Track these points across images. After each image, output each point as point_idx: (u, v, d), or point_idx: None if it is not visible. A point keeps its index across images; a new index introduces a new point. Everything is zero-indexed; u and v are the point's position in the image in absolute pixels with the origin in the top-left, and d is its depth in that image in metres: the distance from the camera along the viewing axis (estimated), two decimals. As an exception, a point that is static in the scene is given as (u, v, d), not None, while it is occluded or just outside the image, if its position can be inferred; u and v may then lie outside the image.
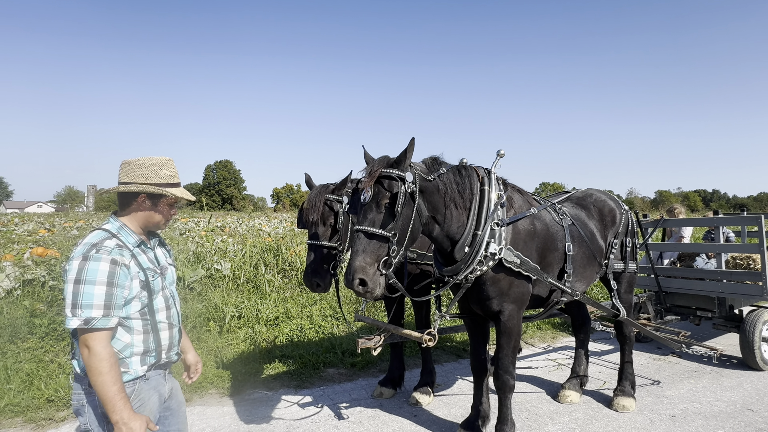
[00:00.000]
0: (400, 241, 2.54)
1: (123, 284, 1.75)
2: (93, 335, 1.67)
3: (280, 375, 4.79)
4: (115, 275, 1.72)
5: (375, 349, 3.46)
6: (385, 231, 2.49)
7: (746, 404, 3.99)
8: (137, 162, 1.92)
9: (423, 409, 3.97)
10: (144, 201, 1.90)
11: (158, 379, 1.92)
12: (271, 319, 6.20)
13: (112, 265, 1.72)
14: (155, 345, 1.88)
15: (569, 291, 3.25)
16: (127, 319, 1.80)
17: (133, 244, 1.86)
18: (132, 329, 1.82)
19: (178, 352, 2.02)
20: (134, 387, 1.82)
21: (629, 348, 4.09)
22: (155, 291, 1.88)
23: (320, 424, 3.71)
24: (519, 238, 2.98)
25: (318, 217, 3.44)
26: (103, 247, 1.74)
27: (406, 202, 2.54)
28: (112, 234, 1.83)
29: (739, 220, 5.67)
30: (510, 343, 3.03)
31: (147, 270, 1.86)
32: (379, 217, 2.53)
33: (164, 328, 1.92)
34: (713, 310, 5.26)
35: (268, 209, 61.66)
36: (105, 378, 1.65)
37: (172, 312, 1.98)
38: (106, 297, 1.69)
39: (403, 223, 2.54)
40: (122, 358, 1.80)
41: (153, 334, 1.87)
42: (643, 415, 3.80)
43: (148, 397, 1.86)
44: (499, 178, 3.10)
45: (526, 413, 3.86)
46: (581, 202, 3.87)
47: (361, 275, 2.43)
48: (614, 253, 3.81)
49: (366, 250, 2.47)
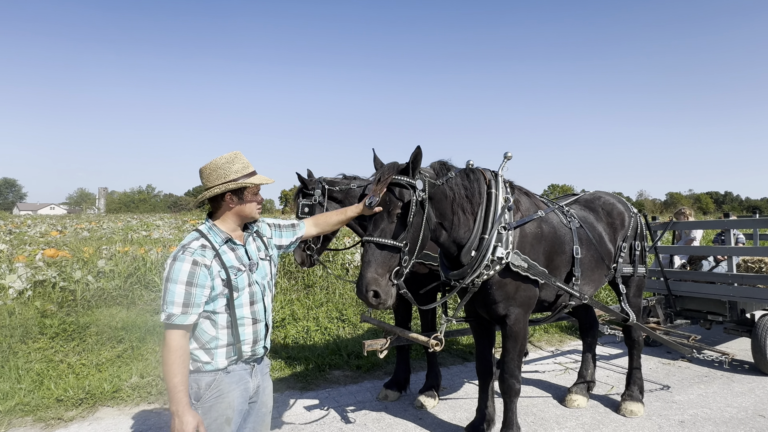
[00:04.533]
0: (411, 251, 2.51)
1: (203, 284, 1.82)
2: (170, 329, 1.78)
3: (286, 377, 4.80)
4: (195, 275, 1.80)
5: (381, 351, 3.46)
6: (396, 241, 2.44)
7: (758, 410, 3.92)
8: (211, 165, 1.99)
9: (428, 412, 3.96)
10: (231, 198, 1.96)
11: (242, 374, 1.95)
12: (277, 321, 6.23)
13: (193, 265, 1.80)
14: (236, 339, 1.92)
15: (577, 294, 3.22)
16: (213, 313, 1.88)
17: (220, 243, 1.93)
18: (217, 323, 1.89)
19: (265, 345, 2.04)
20: (214, 377, 1.88)
21: (638, 352, 4.04)
22: (239, 288, 1.92)
23: (325, 426, 3.71)
24: (526, 242, 2.96)
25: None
26: (189, 248, 1.84)
27: (417, 210, 2.50)
28: (202, 234, 1.92)
29: (751, 223, 5.58)
30: (516, 347, 3.01)
31: (230, 268, 1.91)
32: (390, 227, 2.47)
33: (247, 323, 1.95)
34: (724, 314, 5.18)
35: (276, 211, 61.94)
36: (169, 368, 1.76)
37: (257, 307, 1.99)
38: (185, 296, 1.78)
39: (414, 232, 2.51)
40: (209, 348, 1.88)
41: (234, 329, 1.91)
42: (652, 421, 3.74)
43: (228, 389, 1.89)
44: (506, 181, 3.08)
45: (533, 417, 3.83)
46: (589, 204, 3.83)
47: (375, 287, 2.39)
48: (623, 257, 3.77)
49: (377, 261, 2.42)
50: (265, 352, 2.08)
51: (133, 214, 49.36)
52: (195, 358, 1.88)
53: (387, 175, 2.50)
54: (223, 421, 1.88)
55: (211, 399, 1.87)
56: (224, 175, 1.96)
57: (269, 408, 2.12)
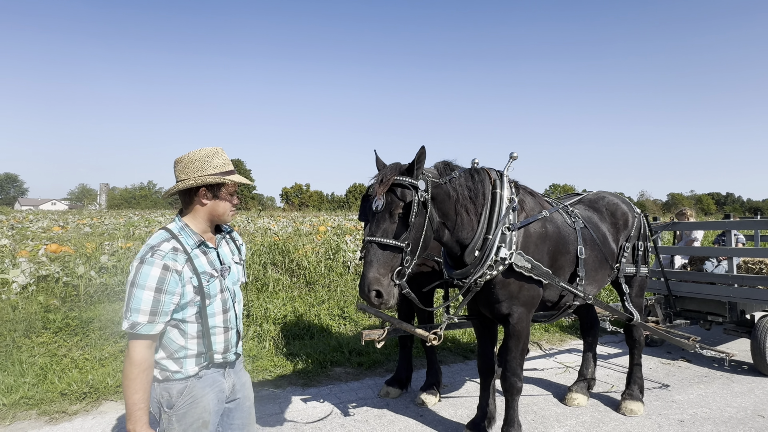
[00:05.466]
0: (413, 251, 2.53)
1: (173, 291, 1.71)
2: (134, 340, 1.67)
3: (288, 374, 4.83)
4: (165, 281, 1.68)
5: (379, 341, 3.46)
6: (398, 241, 2.47)
7: (757, 410, 3.94)
8: (189, 157, 1.87)
9: (429, 409, 3.99)
10: (205, 194, 1.86)
11: (215, 377, 1.89)
12: (278, 317, 6.25)
13: (163, 270, 1.68)
14: (207, 349, 1.84)
15: (581, 294, 3.23)
16: (182, 322, 1.78)
17: (192, 246, 1.81)
18: (186, 333, 1.79)
19: (237, 352, 1.97)
20: (186, 384, 1.80)
21: (638, 352, 4.06)
22: (210, 296, 1.83)
23: (327, 422, 3.74)
24: (530, 242, 2.97)
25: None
26: (159, 251, 1.72)
27: (419, 211, 2.52)
28: (173, 235, 1.80)
29: (752, 224, 5.60)
30: (518, 345, 3.03)
31: (202, 274, 1.81)
32: (392, 227, 2.50)
33: (219, 332, 1.87)
34: (724, 314, 5.19)
35: (277, 209, 61.93)
36: (131, 384, 1.65)
37: (229, 315, 1.91)
38: (153, 303, 1.67)
39: (416, 233, 2.53)
40: (177, 358, 1.79)
41: (205, 339, 1.83)
42: (651, 420, 3.77)
43: (202, 394, 1.83)
44: (511, 181, 3.09)
45: (533, 415, 3.85)
46: (593, 204, 3.84)
47: (377, 287, 2.42)
48: (626, 257, 3.78)
49: (379, 261, 2.45)
50: (237, 358, 2.00)
51: (134, 210, 49.38)
52: (163, 367, 1.78)
53: (389, 175, 2.53)
54: (199, 425, 1.83)
55: (185, 405, 1.79)
56: (202, 168, 1.85)
57: (252, 400, 2.09)
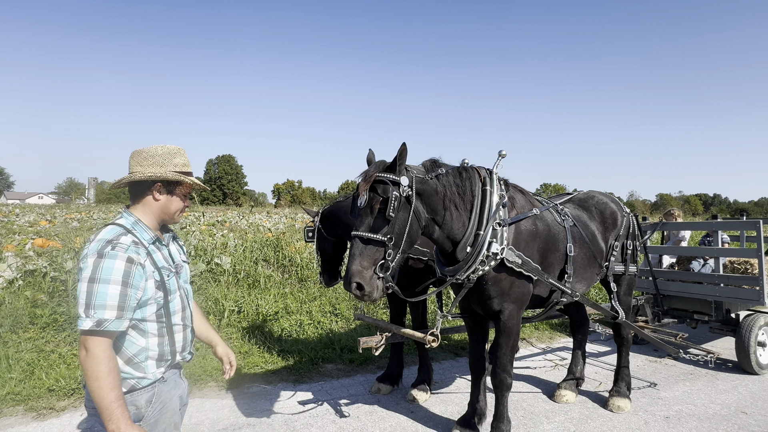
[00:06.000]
0: (397, 245, 2.57)
1: (138, 285, 1.65)
2: (98, 337, 1.56)
3: (279, 370, 4.82)
4: (130, 275, 1.62)
5: (376, 349, 3.49)
6: (380, 235, 2.52)
7: (740, 407, 4.03)
8: (149, 151, 1.81)
9: (420, 405, 4.01)
10: (160, 190, 1.80)
11: (175, 379, 1.86)
12: (270, 314, 6.24)
13: (128, 263, 1.62)
14: (170, 348, 1.79)
15: (569, 292, 3.28)
16: (142, 321, 1.71)
17: (149, 241, 1.75)
18: (147, 332, 1.72)
19: (191, 351, 1.95)
20: (154, 390, 1.74)
21: (626, 350, 4.12)
22: (171, 291, 1.78)
23: (318, 418, 3.75)
24: (521, 239, 3.01)
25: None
26: (119, 244, 1.64)
27: (402, 205, 2.57)
28: (126, 230, 1.71)
29: (738, 225, 5.70)
30: (509, 342, 3.06)
31: (162, 269, 1.75)
32: (376, 222, 2.55)
33: (179, 330, 1.83)
34: (710, 313, 5.29)
35: (268, 205, 61.57)
36: (102, 383, 1.54)
37: (187, 313, 1.89)
38: (120, 297, 1.59)
39: (400, 227, 2.58)
40: (137, 362, 1.71)
41: (168, 337, 1.78)
42: (638, 416, 3.83)
43: (169, 398, 1.79)
44: (500, 179, 3.12)
45: (522, 412, 3.90)
46: (583, 203, 3.89)
47: (358, 279, 2.48)
48: (615, 256, 3.84)
49: (362, 254, 2.51)
50: (191, 358, 1.95)
51: (123, 206, 48.62)
52: (125, 375, 1.68)
53: (372, 172, 2.59)
54: (172, 429, 1.81)
55: (155, 413, 1.73)
56: (163, 164, 1.79)
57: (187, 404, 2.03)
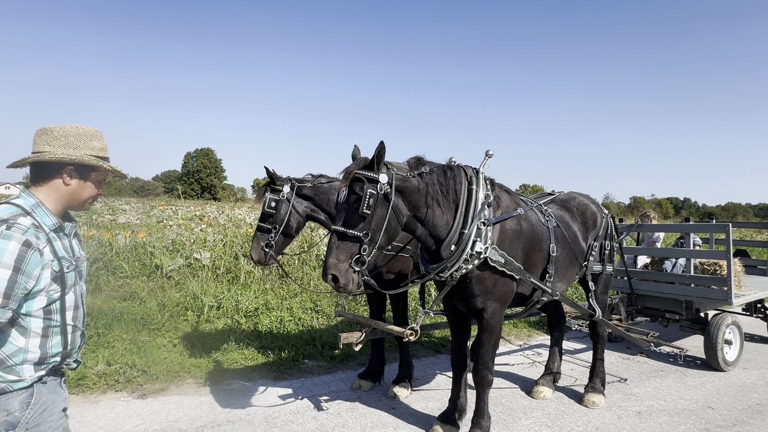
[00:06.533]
0: (373, 240, 2.63)
1: (31, 272, 1.45)
2: None
3: (259, 366, 4.77)
4: (25, 260, 1.43)
5: (357, 344, 3.50)
6: (356, 231, 2.58)
7: (707, 402, 4.20)
8: (61, 130, 1.62)
9: (401, 402, 4.04)
10: (71, 174, 1.61)
11: (55, 386, 1.64)
12: (250, 310, 6.17)
13: (23, 246, 1.42)
14: (54, 351, 1.57)
15: (550, 291, 3.35)
16: (25, 316, 1.49)
17: (50, 227, 1.56)
18: (29, 330, 1.50)
19: (78, 359, 1.73)
20: (30, 392, 1.53)
21: (602, 347, 4.24)
22: (68, 286, 1.59)
23: (299, 414, 3.73)
24: (505, 238, 3.05)
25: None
26: (17, 224, 1.45)
27: (379, 202, 2.62)
28: (25, 211, 1.51)
29: (708, 228, 5.92)
30: (491, 339, 3.10)
31: (63, 259, 1.56)
32: (353, 218, 2.62)
33: (69, 331, 1.62)
34: (681, 312, 5.48)
35: (248, 200, 60.60)
36: None
37: (80, 313, 1.69)
38: (8, 284, 1.40)
39: (377, 223, 2.63)
40: (10, 365, 1.48)
41: (53, 338, 1.57)
42: (611, 411, 3.95)
43: (51, 400, 1.59)
44: (487, 178, 3.16)
45: (501, 407, 3.97)
46: (565, 204, 3.98)
47: (334, 271, 2.55)
48: (594, 255, 3.94)
49: (339, 248, 2.58)
50: (77, 366, 1.75)
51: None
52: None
53: (351, 169, 2.65)
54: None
55: (36, 417, 1.53)
56: (77, 146, 1.61)
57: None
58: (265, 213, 3.69)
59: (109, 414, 3.64)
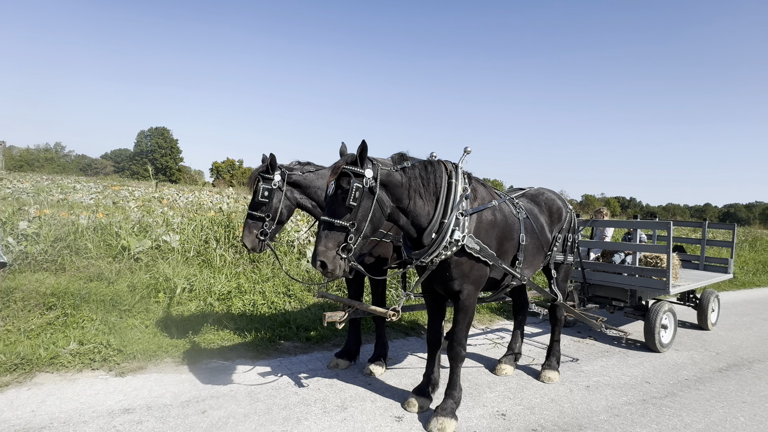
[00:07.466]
0: (359, 230, 2.88)
1: None
2: None
3: (236, 346, 4.88)
4: None
5: (340, 323, 3.71)
6: (342, 221, 2.83)
7: (645, 378, 4.75)
8: None
9: (377, 378, 4.30)
10: None
11: None
12: (223, 293, 6.20)
13: None
14: None
15: (519, 276, 3.69)
16: None
17: None
18: None
19: None
20: None
21: (559, 329, 4.69)
22: None
23: (280, 390, 3.90)
24: (481, 227, 3.35)
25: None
26: None
27: (364, 195, 2.87)
28: None
29: (653, 225, 6.56)
30: (465, 319, 3.41)
31: None
32: (339, 209, 2.86)
33: None
34: (626, 300, 6.09)
35: (206, 183, 58.44)
36: None
37: None
38: None
39: (362, 214, 2.88)
40: None
41: None
42: (564, 386, 4.41)
43: None
44: (465, 172, 3.43)
45: (468, 383, 4.32)
46: (535, 198, 4.35)
47: (322, 258, 2.81)
48: (557, 246, 4.34)
49: (327, 237, 2.84)
50: None
51: (40, 174, 44.04)
52: None
53: (339, 164, 2.90)
54: None
55: None
56: None
57: None
58: (258, 201, 3.75)
59: (88, 391, 3.66)
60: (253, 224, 3.77)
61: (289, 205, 3.88)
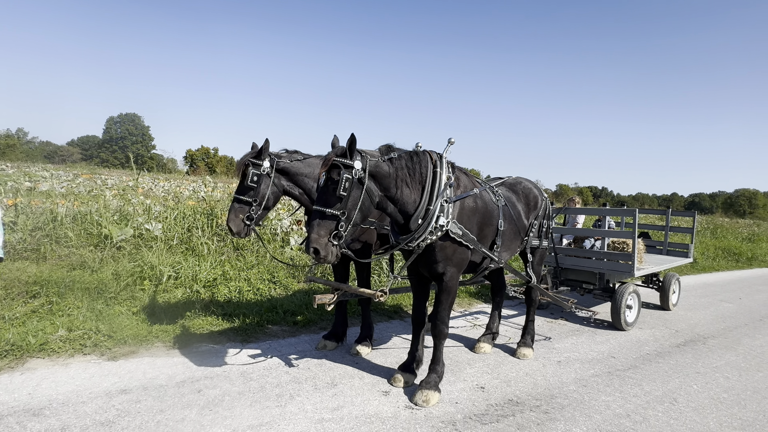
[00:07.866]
0: (349, 218, 3.07)
1: None
2: None
3: (225, 331, 5.01)
4: None
5: (330, 305, 3.89)
6: (333, 210, 3.01)
7: (611, 354, 5.14)
8: None
9: (363, 358, 4.52)
10: None
11: None
12: (209, 280, 6.28)
13: None
14: None
15: (497, 260, 3.95)
16: None
17: None
18: None
19: None
20: None
21: (533, 310, 5.01)
22: None
23: (272, 370, 4.07)
24: (464, 214, 3.58)
25: None
26: None
27: (354, 185, 3.04)
28: None
29: (620, 212, 6.97)
30: (448, 299, 3.65)
31: None
32: (330, 199, 3.02)
33: None
34: (594, 283, 6.49)
35: (179, 171, 56.97)
36: None
37: None
38: None
39: (352, 204, 3.06)
40: None
41: None
42: (538, 361, 4.74)
43: None
44: (449, 162, 3.64)
45: (449, 360, 4.59)
46: (513, 187, 4.61)
47: (315, 245, 2.98)
48: (533, 232, 4.63)
49: (320, 225, 3.01)
50: None
51: (3, 162, 42.07)
52: None
53: (330, 157, 3.07)
54: None
55: None
56: None
57: None
58: (246, 186, 3.85)
59: (82, 374, 3.74)
60: (239, 208, 3.83)
61: (276, 192, 3.96)
